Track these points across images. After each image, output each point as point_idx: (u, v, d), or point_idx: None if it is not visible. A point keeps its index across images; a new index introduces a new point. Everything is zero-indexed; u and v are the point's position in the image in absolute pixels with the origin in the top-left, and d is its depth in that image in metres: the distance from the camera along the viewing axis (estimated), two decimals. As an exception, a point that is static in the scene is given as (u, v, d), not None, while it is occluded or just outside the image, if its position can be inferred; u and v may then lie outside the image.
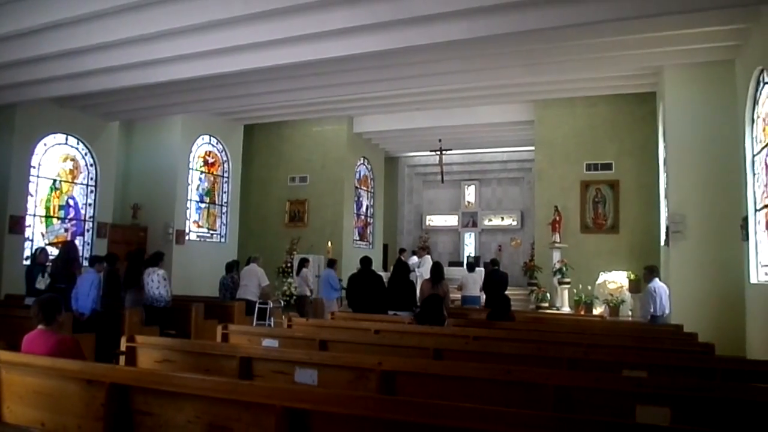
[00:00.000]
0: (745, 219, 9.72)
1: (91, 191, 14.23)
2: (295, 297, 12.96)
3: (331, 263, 12.46)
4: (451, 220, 23.02)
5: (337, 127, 18.52)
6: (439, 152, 19.14)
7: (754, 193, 9.53)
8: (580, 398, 3.65)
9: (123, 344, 4.66)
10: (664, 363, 4.70)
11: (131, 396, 3.27)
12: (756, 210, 9.44)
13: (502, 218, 22.34)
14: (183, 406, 3.13)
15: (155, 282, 8.76)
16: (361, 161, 20.11)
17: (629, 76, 12.77)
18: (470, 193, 22.94)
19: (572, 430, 2.44)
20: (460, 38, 7.91)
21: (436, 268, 8.80)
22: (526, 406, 3.66)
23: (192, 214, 16.19)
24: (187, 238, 15.67)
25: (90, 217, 14.18)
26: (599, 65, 11.30)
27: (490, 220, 22.50)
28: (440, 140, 18.60)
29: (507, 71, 11.49)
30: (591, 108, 15.41)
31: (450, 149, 19.42)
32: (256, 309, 10.59)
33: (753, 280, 9.40)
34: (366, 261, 9.24)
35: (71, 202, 13.87)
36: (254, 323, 10.46)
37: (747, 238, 9.61)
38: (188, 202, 15.98)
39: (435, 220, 23.29)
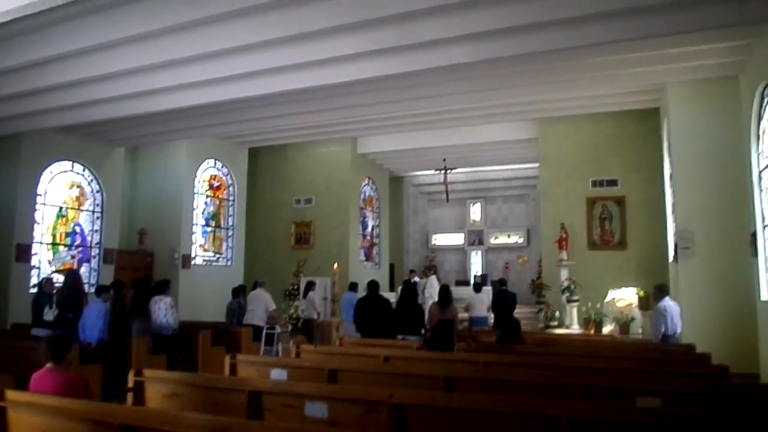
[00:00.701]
0: (754, 235, 9.65)
1: (98, 217, 14.27)
2: (302, 320, 12.89)
3: (353, 287, 12.38)
4: (457, 239, 22.97)
5: (341, 149, 18.59)
6: (443, 171, 19.16)
7: (762, 208, 9.47)
8: (596, 430, 3.58)
9: (131, 379, 4.62)
10: (678, 389, 4.61)
11: (139, 436, 3.23)
12: (765, 226, 9.38)
13: (509, 236, 22.29)
14: (192, 447, 3.08)
15: (162, 310, 8.74)
16: (366, 182, 20.15)
17: (632, 92, 12.77)
18: (476, 211, 22.92)
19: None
20: (464, 61, 7.94)
21: (444, 292, 8.76)
22: (540, 438, 3.61)
23: (198, 238, 16.21)
24: (193, 262, 15.66)
25: (96, 244, 14.20)
26: (602, 83, 11.31)
27: (496, 237, 22.44)
28: (444, 159, 18.64)
29: (510, 90, 11.52)
30: (595, 125, 15.41)
31: (454, 168, 19.46)
32: (264, 334, 10.54)
33: (764, 297, 9.30)
34: (373, 285, 9.18)
35: (77, 228, 13.91)
36: (262, 349, 10.40)
37: (756, 254, 9.53)
38: (194, 226, 16.01)
39: (441, 239, 23.24)
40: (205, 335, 9.27)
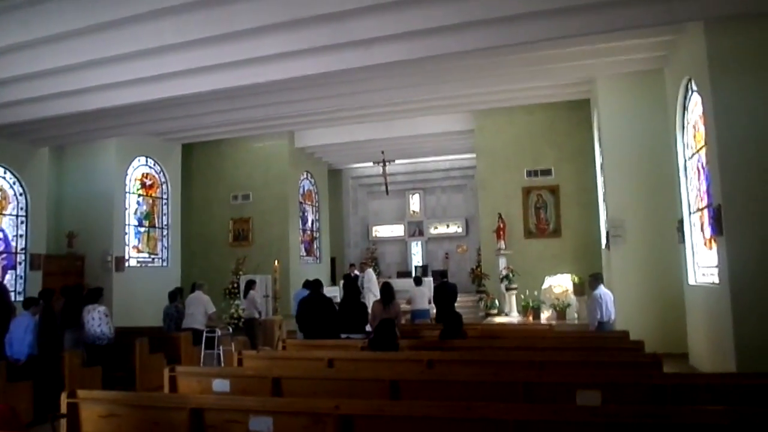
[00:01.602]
0: (681, 222, 10.10)
1: (22, 222, 13.58)
2: (243, 320, 12.66)
3: (307, 284, 12.15)
4: (398, 230, 23.08)
5: (278, 143, 18.32)
6: (382, 163, 19.16)
7: (688, 196, 9.91)
8: (540, 430, 3.66)
9: (63, 402, 4.40)
10: (616, 381, 4.77)
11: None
12: (690, 213, 9.83)
13: (448, 225, 22.55)
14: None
15: (96, 320, 8.39)
16: (304, 175, 19.95)
17: (564, 84, 13.09)
18: (415, 202, 23.07)
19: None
20: (399, 59, 7.92)
21: (386, 289, 8.76)
22: (486, 442, 3.66)
23: (131, 239, 15.65)
24: (127, 264, 15.12)
25: (21, 249, 13.52)
26: (535, 76, 11.54)
27: (435, 228, 22.67)
28: (383, 152, 18.64)
29: (445, 85, 11.61)
30: (529, 116, 15.73)
31: (393, 160, 19.48)
32: (204, 338, 10.29)
33: (691, 281, 9.77)
34: (313, 284, 9.09)
35: (0, 234, 13.18)
36: (202, 353, 10.16)
37: (683, 241, 9.98)
38: (126, 226, 15.44)
39: (381, 231, 23.30)
40: (142, 343, 8.96)
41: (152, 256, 16.28)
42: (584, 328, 10.72)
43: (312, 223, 20.49)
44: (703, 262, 9.40)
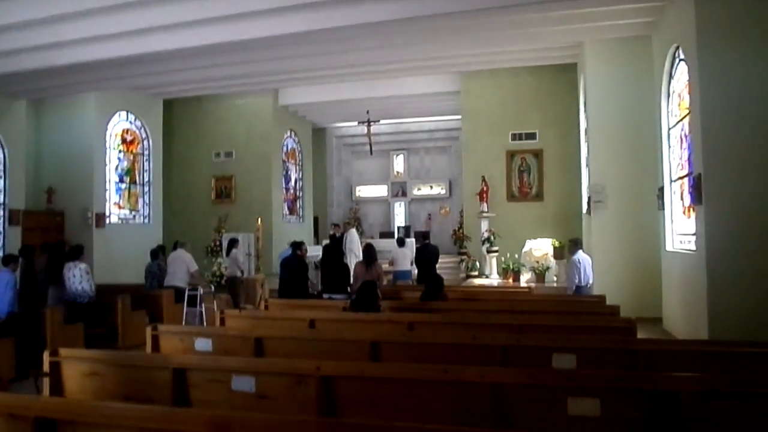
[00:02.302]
0: (661, 189, 10.22)
1: (0, 176, 13.35)
2: (225, 278, 12.69)
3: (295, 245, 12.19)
4: (381, 191, 23.09)
5: (261, 100, 18.08)
6: (367, 123, 19.03)
7: (670, 164, 10.00)
8: (515, 394, 3.75)
9: (46, 360, 4.42)
10: (591, 346, 4.88)
11: (59, 428, 3.11)
12: (671, 181, 9.93)
13: (431, 187, 22.60)
14: (116, 436, 3.01)
15: (77, 277, 8.35)
16: (288, 134, 19.76)
17: (552, 48, 12.99)
18: (399, 163, 23.03)
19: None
20: (386, 19, 7.79)
21: (369, 250, 8.80)
22: (464, 403, 3.75)
23: (112, 195, 15.48)
24: (107, 221, 14.99)
25: (0, 204, 13.32)
26: (522, 39, 11.44)
27: (419, 189, 22.71)
28: (368, 111, 18.48)
29: (432, 46, 11.49)
30: (515, 78, 15.65)
31: (378, 120, 19.35)
32: (186, 296, 10.31)
33: (668, 247, 9.93)
34: (292, 245, 9.16)
35: (-23, 189, 12.99)
36: (184, 311, 10.20)
37: (663, 208, 10.11)
38: (107, 183, 15.26)
39: (365, 191, 23.30)
40: (124, 300, 8.97)
41: (133, 213, 16.16)
42: (562, 291, 10.91)
43: (295, 182, 20.40)
44: (681, 230, 9.55)
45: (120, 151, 15.84)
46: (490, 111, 15.94)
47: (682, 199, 9.48)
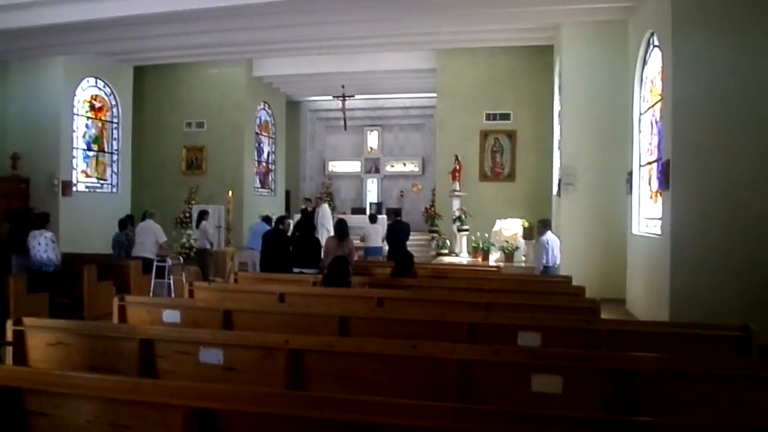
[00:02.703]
0: (630, 174, 10.38)
1: (-39, 139, 12.98)
2: (195, 250, 12.59)
3: (267, 220, 12.07)
4: (354, 166, 23.00)
5: (235, 70, 17.79)
6: (341, 98, 18.88)
7: (640, 149, 10.15)
8: (481, 370, 3.82)
9: (9, 329, 4.35)
10: (555, 325, 4.98)
11: (23, 397, 3.08)
12: (640, 166, 10.09)
13: (404, 164, 22.58)
14: (80, 406, 2.99)
15: (42, 245, 8.19)
16: (262, 106, 19.52)
17: (529, 29, 13.01)
18: (373, 139, 22.93)
19: (474, 420, 2.55)
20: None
21: (341, 226, 8.80)
22: (431, 379, 3.81)
23: (79, 163, 15.17)
24: (74, 189, 14.71)
25: (-38, 169, 12.99)
26: (500, 18, 11.44)
27: (392, 166, 22.67)
28: (343, 86, 18.33)
29: (410, 22, 11.43)
30: (491, 58, 15.65)
31: (352, 95, 19.22)
32: (154, 267, 10.21)
33: (635, 231, 10.13)
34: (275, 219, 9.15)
35: (-62, 152, 12.60)
36: (152, 282, 10.10)
37: (631, 192, 10.29)
38: (74, 150, 14.93)
39: (338, 166, 23.18)
40: (90, 270, 8.84)
41: (101, 182, 15.87)
42: (530, 271, 11.08)
43: (268, 155, 20.21)
44: (647, 214, 9.75)
45: (88, 118, 15.49)
46: (465, 90, 15.95)
47: (650, 183, 9.65)
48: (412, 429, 2.56)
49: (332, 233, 10.34)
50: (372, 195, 22.65)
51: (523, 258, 13.70)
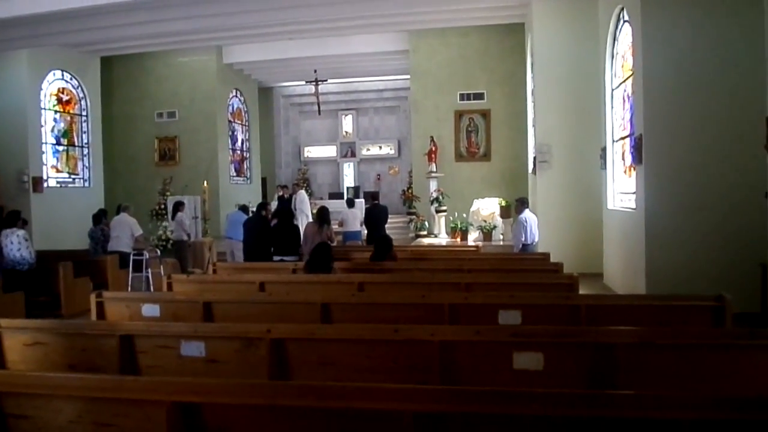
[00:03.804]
0: (604, 149, 10.47)
1: (-75, 138, 12.63)
2: (172, 242, 12.46)
3: (244, 209, 11.97)
4: (330, 151, 22.89)
5: (205, 58, 17.53)
6: (314, 83, 18.73)
7: (613, 125, 10.24)
8: (463, 350, 3.86)
9: (-16, 331, 4.27)
10: (535, 302, 5.04)
11: (2, 400, 3.03)
12: (614, 141, 10.19)
13: (380, 147, 22.53)
14: (62, 407, 2.96)
15: (15, 244, 8.05)
16: (234, 93, 19.28)
17: (500, 7, 12.99)
18: (348, 123, 22.82)
19: (458, 401, 2.58)
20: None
21: (322, 213, 8.76)
22: (413, 362, 3.84)
23: (49, 158, 14.87)
24: (45, 185, 14.43)
25: (-74, 168, 12.66)
26: (470, -3, 11.39)
27: (368, 149, 22.61)
28: (315, 71, 18.18)
29: (380, 3, 11.35)
30: (463, 38, 15.62)
31: (325, 79, 19.08)
32: (131, 261, 10.09)
33: (610, 206, 10.25)
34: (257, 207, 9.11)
35: None
36: (130, 276, 10.00)
37: (605, 168, 10.39)
38: (43, 145, 14.63)
39: (313, 152, 23.06)
40: (65, 267, 8.70)
41: (73, 177, 15.59)
42: (509, 249, 11.17)
43: (242, 143, 20.02)
44: (622, 189, 9.86)
45: (56, 112, 15.16)
46: (438, 71, 15.92)
47: (623, 159, 9.75)
48: (397, 413, 2.57)
49: (311, 219, 10.31)
50: (349, 179, 22.58)
51: (501, 237, 13.80)
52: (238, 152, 19.76)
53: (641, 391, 2.56)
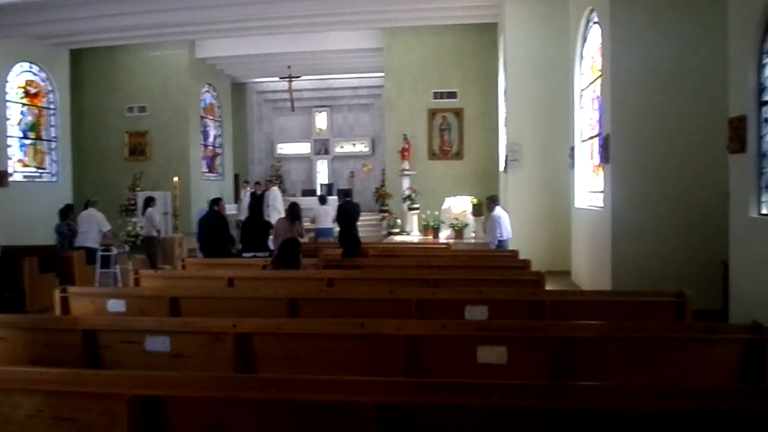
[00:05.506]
0: (573, 149, 10.62)
1: None
2: (141, 238, 12.31)
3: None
4: (303, 148, 22.79)
5: (177, 52, 17.33)
6: (288, 79, 18.64)
7: (581, 125, 10.39)
8: (429, 344, 3.90)
9: (-57, 325, 4.18)
10: (501, 298, 5.10)
11: (-42, 394, 2.98)
12: (582, 141, 10.33)
13: (354, 144, 22.49)
14: (21, 401, 2.92)
15: (-23, 238, 7.89)
16: (206, 88, 19.10)
17: (473, 6, 13.10)
18: (321, 120, 22.74)
19: (419, 392, 2.61)
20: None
21: (293, 209, 8.74)
22: (380, 355, 3.86)
23: (15, 152, 14.57)
24: (11, 179, 14.13)
25: None
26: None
27: (341, 146, 22.56)
28: (289, 67, 18.10)
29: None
30: (437, 37, 15.69)
31: (299, 76, 19.01)
32: (99, 257, 9.94)
33: (578, 204, 10.41)
34: (211, 202, 9.03)
35: None
36: (98, 272, 9.85)
37: (574, 167, 10.54)
38: (9, 138, 14.32)
39: (286, 149, 22.92)
40: (31, 262, 8.53)
41: (40, 171, 15.30)
42: (480, 247, 11.28)
43: (214, 139, 19.84)
44: (590, 188, 10.01)
45: (23, 105, 14.86)
46: (412, 69, 15.98)
47: (591, 158, 9.90)
48: (360, 405, 2.59)
49: (283, 215, 10.28)
50: (322, 176, 22.51)
51: (473, 234, 13.89)
52: (210, 148, 19.58)
53: (599, 383, 2.62)
